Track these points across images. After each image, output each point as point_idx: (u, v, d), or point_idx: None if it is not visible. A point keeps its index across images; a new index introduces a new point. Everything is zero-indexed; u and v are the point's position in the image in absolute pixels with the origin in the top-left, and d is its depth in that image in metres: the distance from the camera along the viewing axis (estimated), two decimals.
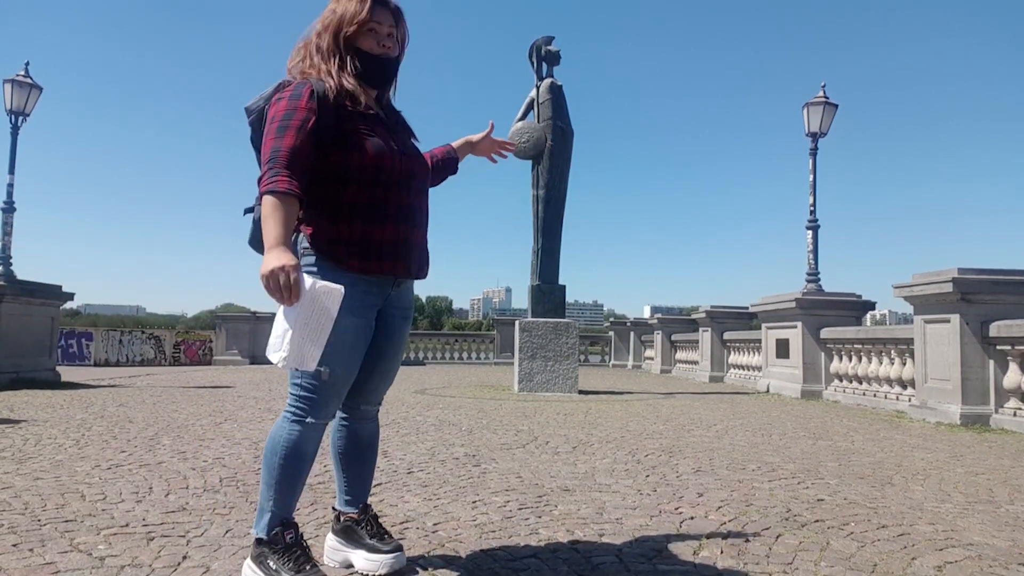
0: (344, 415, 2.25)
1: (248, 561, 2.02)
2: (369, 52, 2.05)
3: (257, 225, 2.11)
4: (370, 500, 3.11)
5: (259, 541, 1.99)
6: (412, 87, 2.27)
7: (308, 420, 1.99)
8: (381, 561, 2.14)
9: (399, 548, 2.19)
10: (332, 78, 2.00)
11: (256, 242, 2.16)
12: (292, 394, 2.01)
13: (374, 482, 3.49)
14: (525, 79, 11.94)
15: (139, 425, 5.50)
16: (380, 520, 2.29)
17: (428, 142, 2.37)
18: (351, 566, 2.19)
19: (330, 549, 2.26)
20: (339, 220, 1.97)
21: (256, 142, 2.07)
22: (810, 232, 10.93)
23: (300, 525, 2.67)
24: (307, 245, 2.00)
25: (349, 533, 2.22)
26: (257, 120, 2.07)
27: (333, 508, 2.33)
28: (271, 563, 1.95)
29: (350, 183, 1.96)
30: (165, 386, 9.94)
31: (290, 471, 1.98)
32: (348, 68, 2.03)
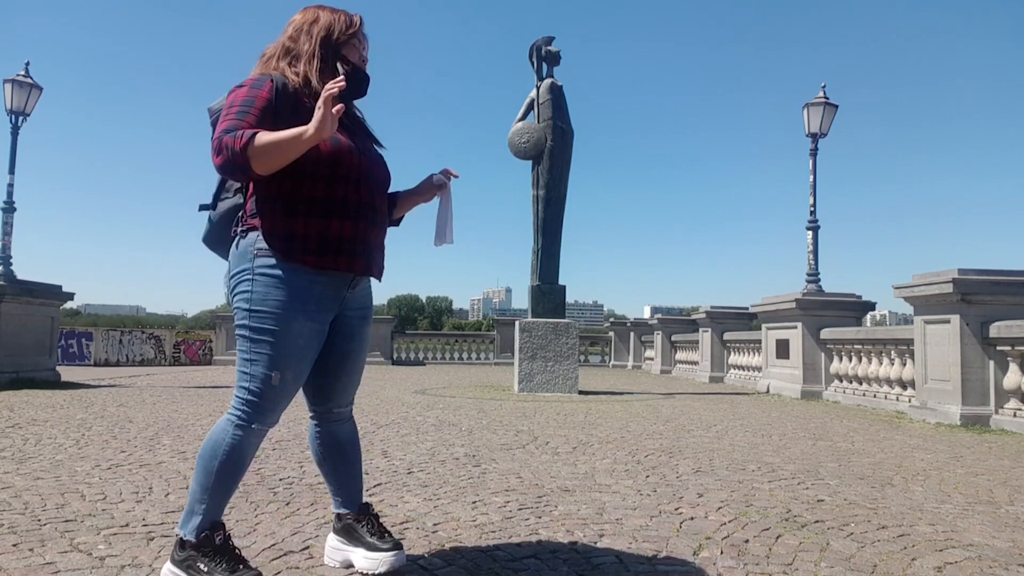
0: (317, 422, 2.23)
1: (169, 566, 1.94)
2: (354, 62, 2.12)
3: (213, 223, 2.12)
4: (370, 500, 3.12)
5: (184, 544, 1.92)
6: (412, 87, 2.30)
7: (253, 426, 1.97)
8: (380, 559, 2.13)
9: (399, 546, 2.19)
10: (299, 76, 2.03)
11: (212, 240, 2.16)
12: (238, 398, 1.98)
13: (374, 482, 3.50)
14: (525, 79, 11.96)
15: (139, 425, 5.50)
16: (381, 519, 2.29)
17: (429, 143, 2.38)
18: (351, 565, 2.19)
19: (331, 549, 2.25)
20: (295, 215, 1.95)
21: None
22: (810, 232, 10.93)
23: (300, 525, 2.67)
24: (263, 246, 1.95)
25: (350, 532, 2.22)
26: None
27: (334, 511, 2.31)
28: (202, 566, 1.88)
29: (306, 177, 1.95)
30: (165, 386, 9.94)
31: (227, 475, 1.95)
32: (327, 73, 2.06)
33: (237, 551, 1.97)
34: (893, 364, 8.36)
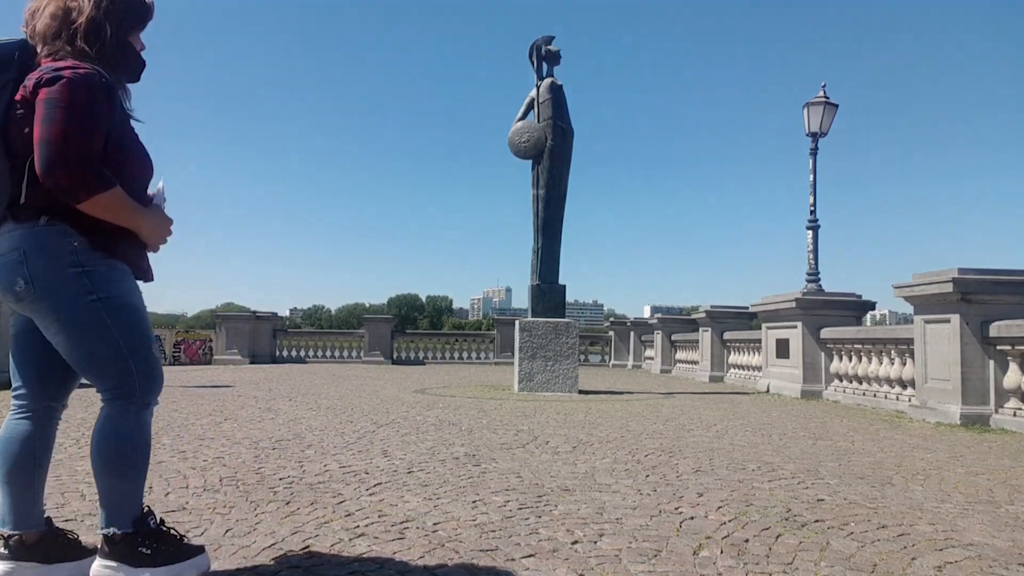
0: (40, 418, 2.04)
1: (102, 562, 1.85)
2: (139, 52, 2.06)
3: None
4: (370, 499, 3.12)
5: (114, 538, 1.85)
6: (411, 85, 2.28)
7: (154, 404, 2.03)
8: (104, 563, 1.91)
9: (94, 552, 1.98)
10: (110, 73, 1.94)
11: None
12: (128, 383, 1.93)
13: (374, 481, 3.50)
14: (525, 79, 11.95)
15: None
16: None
17: (429, 142, 2.37)
18: None
19: None
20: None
21: None
22: (810, 232, 10.94)
23: (300, 525, 2.67)
24: (79, 242, 1.86)
25: (48, 549, 1.95)
26: None
27: (9, 532, 1.93)
28: (144, 550, 1.86)
29: (123, 185, 1.89)
30: (165, 385, 9.89)
31: (145, 459, 1.96)
32: (121, 65, 1.98)
33: (173, 531, 1.96)
34: (893, 363, 8.36)
